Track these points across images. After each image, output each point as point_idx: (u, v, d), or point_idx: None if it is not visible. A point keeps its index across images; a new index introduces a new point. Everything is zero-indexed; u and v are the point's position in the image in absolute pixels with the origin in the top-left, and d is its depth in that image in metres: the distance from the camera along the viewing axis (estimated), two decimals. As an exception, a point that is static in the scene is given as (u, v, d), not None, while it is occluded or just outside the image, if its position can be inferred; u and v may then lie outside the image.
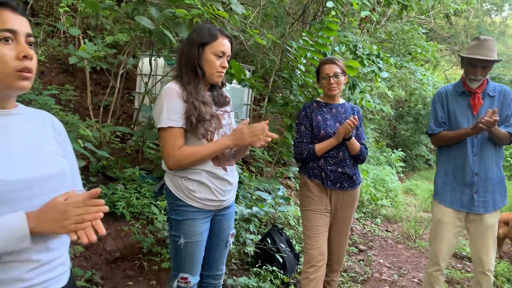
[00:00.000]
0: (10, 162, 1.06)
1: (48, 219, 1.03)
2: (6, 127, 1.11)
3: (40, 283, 1.10)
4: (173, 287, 2.01)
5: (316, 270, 2.67)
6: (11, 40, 1.07)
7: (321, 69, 2.73)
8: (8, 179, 1.03)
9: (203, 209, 1.98)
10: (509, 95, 2.81)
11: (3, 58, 1.05)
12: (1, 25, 1.06)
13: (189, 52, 1.99)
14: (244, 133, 1.93)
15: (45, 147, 1.18)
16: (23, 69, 1.08)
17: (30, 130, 1.18)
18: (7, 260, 1.03)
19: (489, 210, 2.77)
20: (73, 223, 1.03)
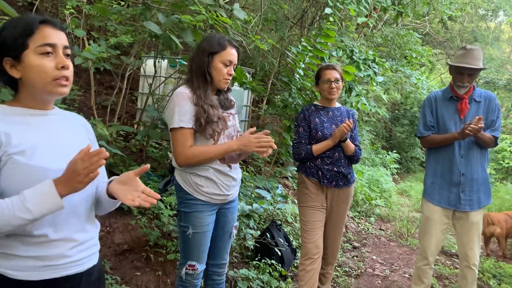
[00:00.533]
0: (52, 154, 1.24)
1: (67, 180, 1.16)
2: (46, 125, 1.29)
3: (78, 260, 1.28)
4: (182, 274, 2.19)
5: (312, 262, 2.86)
6: (51, 52, 1.25)
7: (322, 74, 2.92)
8: (51, 167, 1.21)
9: (209, 202, 2.17)
10: (494, 101, 3.01)
11: (44, 69, 1.23)
12: (43, 40, 1.24)
13: (199, 60, 2.18)
14: (251, 141, 2.11)
15: (79, 143, 1.36)
16: (61, 78, 1.26)
17: (65, 128, 1.36)
18: (54, 239, 1.21)
19: (474, 208, 2.97)
20: (84, 175, 1.15)
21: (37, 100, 1.28)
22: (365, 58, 5.52)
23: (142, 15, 3.57)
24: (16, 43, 1.21)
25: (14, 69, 1.23)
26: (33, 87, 1.24)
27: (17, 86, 1.28)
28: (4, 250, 1.18)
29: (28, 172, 1.17)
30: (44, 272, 1.21)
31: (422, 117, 3.09)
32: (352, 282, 3.73)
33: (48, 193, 1.14)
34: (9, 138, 1.17)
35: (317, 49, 3.99)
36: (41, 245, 1.20)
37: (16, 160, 1.16)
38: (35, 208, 1.12)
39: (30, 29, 1.23)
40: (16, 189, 1.16)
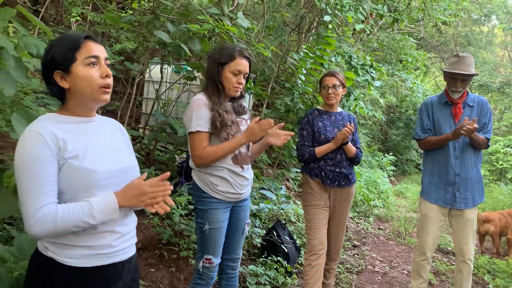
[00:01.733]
0: (99, 157, 1.41)
1: (130, 196, 1.38)
2: (92, 131, 1.47)
3: (121, 249, 1.45)
4: (199, 267, 2.36)
5: (317, 258, 3.03)
6: (95, 63, 1.43)
7: (323, 80, 3.11)
8: (98, 169, 1.38)
9: (224, 200, 2.34)
10: (486, 105, 3.21)
11: (91, 78, 1.41)
12: (89, 53, 1.41)
13: (211, 70, 2.37)
14: (255, 129, 2.29)
15: (119, 146, 1.54)
16: (105, 86, 1.44)
17: (107, 133, 1.53)
18: (101, 231, 1.38)
19: (469, 206, 3.16)
20: (149, 198, 1.39)
21: (84, 107, 1.45)
22: (363, 64, 5.72)
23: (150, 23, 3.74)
24: (66, 57, 1.39)
25: (63, 80, 1.40)
26: (81, 95, 1.41)
27: (64, 96, 1.45)
28: (60, 241, 1.35)
29: (80, 174, 1.34)
30: (93, 260, 1.38)
31: (419, 121, 3.28)
32: (354, 278, 3.91)
33: (111, 204, 1.35)
34: (66, 144, 1.34)
35: (319, 56, 4.18)
36: (91, 236, 1.37)
37: (71, 164, 1.33)
38: (99, 215, 1.32)
39: (77, 44, 1.40)
40: (71, 187, 1.33)
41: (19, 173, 1.29)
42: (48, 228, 1.26)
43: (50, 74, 1.40)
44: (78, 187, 1.34)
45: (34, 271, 1.38)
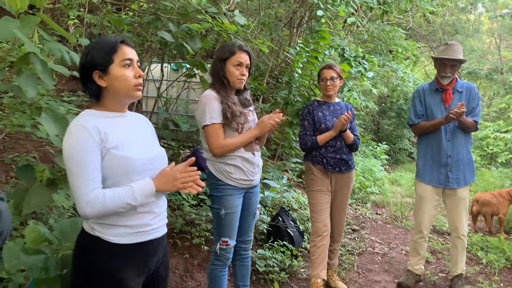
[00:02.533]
0: (133, 146, 1.59)
1: (164, 182, 1.57)
2: (125, 124, 1.65)
3: (157, 228, 1.64)
4: (216, 249, 2.56)
5: (322, 239, 3.24)
6: (130, 65, 1.61)
7: (321, 73, 3.31)
8: (134, 157, 1.56)
9: (237, 187, 2.54)
10: (474, 90, 3.43)
11: (127, 78, 1.59)
12: (124, 56, 1.60)
13: (215, 67, 2.58)
14: (265, 122, 2.54)
15: (148, 137, 1.73)
16: (138, 84, 1.62)
17: (137, 125, 1.72)
18: (140, 211, 1.57)
19: (461, 185, 3.38)
20: (180, 183, 1.58)
21: (118, 103, 1.64)
22: (356, 56, 5.92)
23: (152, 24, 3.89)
24: (104, 59, 1.57)
25: (101, 79, 1.58)
26: (118, 93, 1.60)
27: (100, 94, 1.63)
28: (105, 221, 1.53)
29: (121, 161, 1.53)
30: (134, 237, 1.57)
31: (412, 107, 3.49)
32: (356, 259, 4.13)
33: (149, 188, 1.55)
34: (107, 136, 1.53)
35: (314, 50, 4.37)
36: (131, 217, 1.56)
37: (112, 153, 1.52)
38: (140, 198, 1.52)
39: (114, 48, 1.59)
40: (113, 174, 1.52)
41: (69, 162, 1.47)
42: (98, 209, 1.45)
43: (89, 73, 1.58)
44: (119, 173, 1.52)
45: (83, 249, 1.56)
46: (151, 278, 1.69)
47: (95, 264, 1.53)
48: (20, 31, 2.06)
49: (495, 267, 3.94)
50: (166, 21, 3.80)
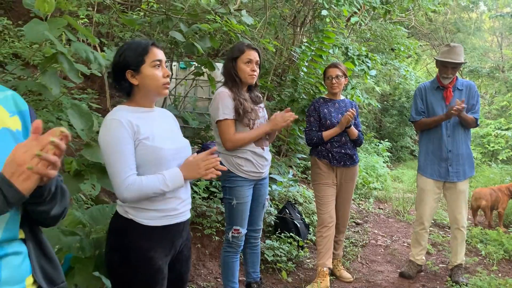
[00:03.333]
0: (162, 138, 1.75)
1: (190, 170, 1.73)
2: (154, 118, 1.81)
3: (182, 212, 1.80)
4: (229, 237, 2.72)
5: (328, 229, 3.40)
6: (159, 65, 1.77)
7: (327, 71, 3.46)
8: (163, 147, 1.72)
9: (248, 178, 2.70)
10: (474, 88, 3.58)
11: (157, 77, 1.75)
12: (154, 57, 1.75)
13: (227, 66, 2.75)
14: (278, 120, 2.69)
15: (175, 130, 1.89)
16: (166, 83, 1.79)
17: (164, 119, 1.88)
18: (168, 197, 1.73)
19: (461, 179, 3.54)
20: (204, 170, 1.74)
21: (148, 100, 1.80)
22: (359, 54, 6.07)
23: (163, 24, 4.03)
24: (137, 60, 1.73)
25: (133, 78, 1.74)
26: (148, 90, 1.76)
27: (131, 91, 1.78)
28: (138, 206, 1.70)
29: (152, 151, 1.69)
30: (163, 220, 1.73)
31: (414, 105, 3.65)
32: (359, 251, 4.29)
33: (178, 176, 1.71)
34: (139, 128, 1.69)
35: (319, 49, 4.53)
36: (160, 202, 1.72)
37: (144, 144, 1.68)
38: (170, 184, 1.68)
39: (146, 50, 1.75)
40: (145, 162, 1.68)
41: (107, 153, 1.64)
42: (134, 193, 1.62)
43: (123, 72, 1.74)
44: (150, 162, 1.69)
45: (117, 230, 1.73)
46: (176, 257, 1.85)
47: (129, 244, 1.69)
48: (49, 32, 2.22)
49: (493, 258, 4.10)
50: (177, 21, 3.94)
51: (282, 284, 3.41)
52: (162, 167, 1.71)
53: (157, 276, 1.73)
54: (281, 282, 3.43)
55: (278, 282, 3.43)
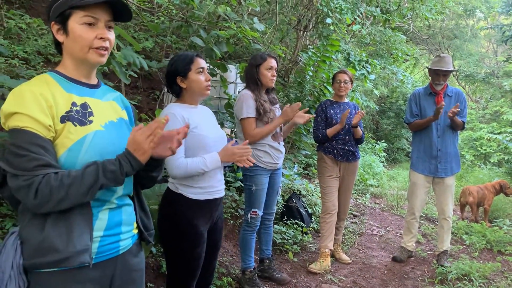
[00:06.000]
0: (206, 128, 2.21)
1: (226, 155, 2.18)
2: (198, 113, 2.26)
3: (220, 189, 2.26)
4: (248, 217, 3.18)
5: (330, 216, 3.86)
6: (202, 72, 2.22)
7: (336, 76, 3.92)
8: (208, 136, 2.18)
9: (266, 168, 3.16)
10: (462, 95, 4.05)
11: (201, 81, 2.20)
12: (199, 65, 2.21)
13: (250, 72, 3.19)
14: (288, 111, 3.14)
15: (214, 123, 2.35)
16: (208, 86, 2.24)
17: (206, 114, 2.34)
18: (209, 176, 2.19)
19: (448, 175, 4.01)
20: (238, 157, 2.19)
21: (194, 99, 2.26)
22: (360, 60, 6.53)
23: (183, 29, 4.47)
24: (185, 68, 2.19)
25: (182, 82, 2.20)
26: (194, 92, 2.22)
27: (180, 93, 2.24)
28: (185, 183, 2.15)
29: (199, 139, 2.15)
30: (204, 195, 2.19)
31: (408, 108, 4.12)
32: (357, 239, 4.76)
33: (216, 159, 2.17)
34: (189, 120, 2.14)
35: (326, 56, 4.99)
36: (203, 180, 2.18)
37: (194, 132, 2.14)
38: (210, 165, 2.14)
39: (192, 59, 2.20)
40: (193, 147, 2.14)
41: None
42: (182, 171, 2.08)
43: (174, 78, 2.20)
44: (197, 147, 2.14)
45: (169, 202, 2.19)
46: (212, 227, 2.31)
47: (178, 213, 2.15)
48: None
49: (476, 247, 4.58)
50: (197, 27, 4.38)
51: (289, 263, 3.88)
52: (205, 151, 2.17)
53: (199, 239, 2.19)
54: (288, 262, 3.90)
55: (285, 261, 3.90)
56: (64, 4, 1.29)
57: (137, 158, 1.32)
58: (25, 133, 1.20)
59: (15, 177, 1.19)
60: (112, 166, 1.27)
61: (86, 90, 1.39)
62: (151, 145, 1.32)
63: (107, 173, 1.26)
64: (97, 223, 1.33)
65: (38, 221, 1.25)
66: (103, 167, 1.26)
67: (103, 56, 1.35)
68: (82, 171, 1.24)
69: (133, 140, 1.32)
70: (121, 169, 1.28)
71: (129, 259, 1.45)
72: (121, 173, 1.28)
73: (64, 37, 1.32)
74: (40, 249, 1.22)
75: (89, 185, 1.23)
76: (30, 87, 1.25)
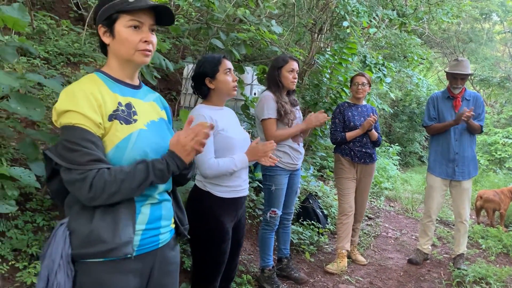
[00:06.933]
0: (232, 130, 2.28)
1: (251, 154, 2.25)
2: (224, 114, 2.33)
3: (244, 188, 2.33)
4: (267, 217, 3.24)
5: (347, 217, 3.90)
6: (229, 73, 2.29)
7: (354, 78, 3.97)
8: (234, 137, 2.25)
9: (285, 169, 3.22)
10: (480, 99, 4.07)
11: (229, 81, 2.27)
12: (226, 66, 2.28)
13: (272, 74, 3.25)
14: (312, 119, 3.20)
15: (238, 124, 2.41)
16: (235, 86, 2.31)
17: (231, 116, 2.40)
18: (235, 176, 2.26)
19: (465, 178, 4.03)
20: (262, 156, 2.26)
21: (221, 100, 2.33)
22: (376, 63, 6.55)
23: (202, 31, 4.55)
24: (213, 69, 2.26)
25: (211, 83, 2.27)
26: (222, 92, 2.28)
27: (208, 94, 2.31)
28: (213, 182, 2.22)
29: (226, 140, 2.22)
30: (231, 193, 2.26)
31: (426, 111, 4.14)
32: (372, 241, 4.79)
33: (244, 159, 2.23)
34: (217, 122, 2.21)
35: (343, 59, 5.03)
36: (230, 179, 2.25)
37: (221, 135, 2.21)
38: (239, 165, 2.21)
39: (219, 61, 2.27)
40: (221, 148, 2.20)
41: None
42: (214, 171, 2.15)
43: (202, 79, 2.27)
44: (224, 148, 2.21)
45: (197, 198, 2.26)
46: (237, 224, 2.38)
47: (206, 209, 2.22)
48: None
49: (492, 251, 4.58)
50: (216, 30, 4.46)
51: (306, 263, 3.93)
52: (231, 153, 2.24)
53: (225, 235, 2.26)
54: (305, 262, 3.95)
55: (302, 261, 3.95)
56: (112, 8, 1.36)
57: (182, 159, 1.40)
58: (78, 129, 1.28)
59: (68, 171, 1.27)
60: (160, 165, 1.36)
61: (129, 91, 1.46)
62: (195, 147, 1.40)
63: (156, 171, 1.34)
64: (140, 217, 1.40)
65: (86, 214, 1.32)
66: (153, 165, 1.35)
67: (148, 57, 1.42)
68: (134, 168, 1.32)
69: (178, 141, 1.41)
70: (168, 168, 1.37)
71: (167, 253, 1.52)
72: (168, 171, 1.37)
73: (110, 39, 1.40)
74: (88, 240, 1.30)
75: (140, 181, 1.31)
76: (81, 86, 1.33)
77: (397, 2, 8.11)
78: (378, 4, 7.64)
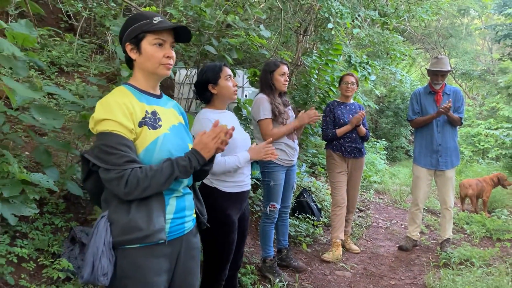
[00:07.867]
0: (236, 131, 2.49)
1: (254, 153, 2.49)
2: (226, 117, 2.56)
3: (247, 183, 2.56)
4: (267, 210, 3.47)
5: (340, 209, 4.16)
6: (229, 79, 2.52)
7: (343, 78, 4.22)
8: (236, 137, 2.47)
9: (282, 165, 3.46)
10: (459, 93, 4.36)
11: (230, 87, 2.50)
12: (227, 73, 2.51)
13: (265, 77, 3.48)
14: (304, 117, 3.45)
15: (239, 125, 2.64)
16: (235, 91, 2.53)
17: (232, 118, 2.63)
18: (239, 172, 2.49)
19: (448, 167, 4.31)
20: (263, 154, 2.49)
21: (223, 104, 2.55)
22: (360, 62, 6.82)
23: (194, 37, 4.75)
24: (215, 76, 2.48)
25: (213, 89, 2.49)
26: (223, 97, 2.51)
27: (211, 99, 2.53)
28: (219, 178, 2.45)
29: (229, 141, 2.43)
30: (235, 188, 2.49)
31: (410, 106, 4.42)
32: (364, 231, 5.06)
33: (247, 157, 2.47)
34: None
35: (329, 59, 5.29)
36: (234, 175, 2.48)
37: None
38: (242, 162, 2.45)
39: (221, 68, 2.50)
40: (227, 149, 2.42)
41: None
42: (221, 168, 2.38)
43: (205, 86, 2.49)
44: (228, 147, 2.40)
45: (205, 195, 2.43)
46: (241, 216, 2.60)
47: (215, 204, 2.44)
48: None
49: (476, 236, 4.88)
50: (209, 36, 4.66)
51: (303, 253, 4.17)
52: (235, 151, 2.47)
53: (233, 227, 2.49)
54: (302, 252, 4.19)
55: (299, 252, 4.19)
56: (139, 29, 1.59)
57: (203, 155, 1.63)
58: (114, 135, 1.49)
59: (107, 171, 1.49)
60: (183, 161, 1.58)
61: (154, 100, 1.68)
62: (216, 145, 1.64)
63: (180, 167, 1.56)
64: (168, 208, 1.63)
65: (124, 207, 1.54)
66: (177, 162, 1.57)
67: (169, 70, 1.65)
68: (161, 165, 1.54)
69: (200, 141, 1.65)
70: (190, 164, 1.59)
71: (191, 238, 1.75)
72: (190, 167, 1.59)
73: (137, 55, 1.62)
74: (127, 228, 1.51)
75: (167, 176, 1.53)
76: (115, 97, 1.55)
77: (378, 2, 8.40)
78: (360, 4, 7.92)
